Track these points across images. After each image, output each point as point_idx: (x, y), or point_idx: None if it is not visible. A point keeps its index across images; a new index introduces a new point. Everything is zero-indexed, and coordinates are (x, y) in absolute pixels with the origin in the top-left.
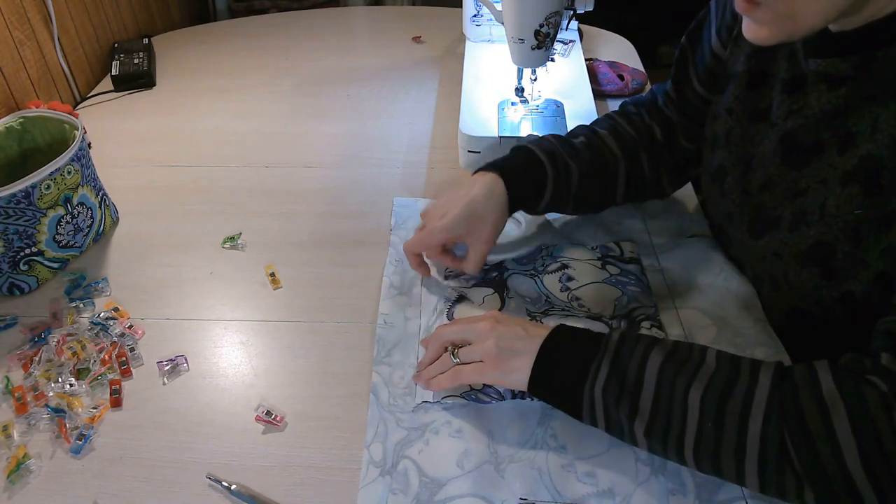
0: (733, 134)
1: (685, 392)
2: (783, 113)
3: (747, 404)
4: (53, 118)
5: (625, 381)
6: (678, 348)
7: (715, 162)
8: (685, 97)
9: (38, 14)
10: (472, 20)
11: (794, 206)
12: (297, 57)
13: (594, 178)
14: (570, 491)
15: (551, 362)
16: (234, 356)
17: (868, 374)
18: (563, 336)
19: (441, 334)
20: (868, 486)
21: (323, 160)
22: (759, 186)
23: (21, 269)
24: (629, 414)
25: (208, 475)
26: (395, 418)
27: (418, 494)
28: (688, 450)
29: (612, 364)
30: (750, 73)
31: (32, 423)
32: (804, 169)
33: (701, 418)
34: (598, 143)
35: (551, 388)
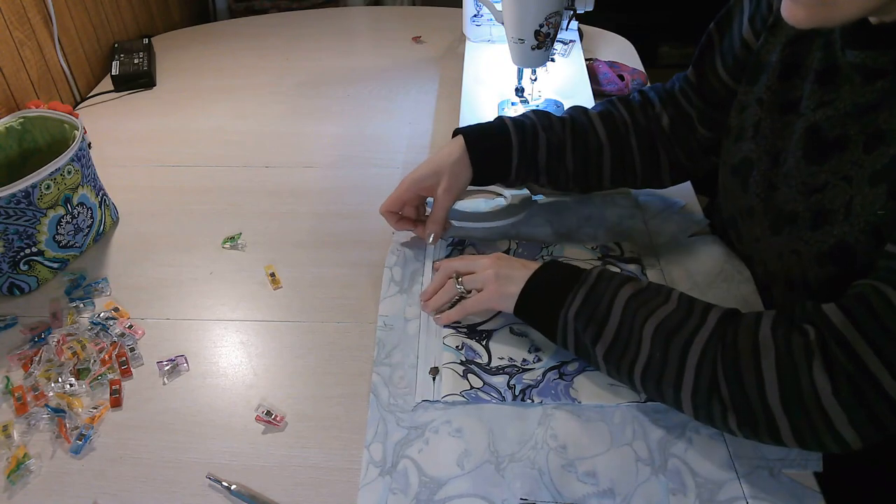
0: (762, 126)
1: (642, 325)
2: (813, 104)
3: (689, 341)
4: (53, 118)
5: (595, 311)
6: (648, 287)
7: (739, 154)
8: (708, 83)
9: (39, 14)
10: (473, 20)
11: (812, 203)
12: (297, 57)
13: (572, 152)
14: (570, 491)
15: (536, 289)
16: (234, 356)
17: (806, 322)
18: (552, 269)
19: (448, 265)
20: (784, 419)
21: (323, 160)
22: (783, 180)
23: (21, 269)
24: (593, 339)
25: (208, 475)
26: (395, 418)
27: (418, 494)
28: (636, 375)
29: (586, 295)
30: (783, 64)
31: (32, 423)
32: (824, 164)
33: (651, 349)
34: (584, 123)
35: (532, 312)
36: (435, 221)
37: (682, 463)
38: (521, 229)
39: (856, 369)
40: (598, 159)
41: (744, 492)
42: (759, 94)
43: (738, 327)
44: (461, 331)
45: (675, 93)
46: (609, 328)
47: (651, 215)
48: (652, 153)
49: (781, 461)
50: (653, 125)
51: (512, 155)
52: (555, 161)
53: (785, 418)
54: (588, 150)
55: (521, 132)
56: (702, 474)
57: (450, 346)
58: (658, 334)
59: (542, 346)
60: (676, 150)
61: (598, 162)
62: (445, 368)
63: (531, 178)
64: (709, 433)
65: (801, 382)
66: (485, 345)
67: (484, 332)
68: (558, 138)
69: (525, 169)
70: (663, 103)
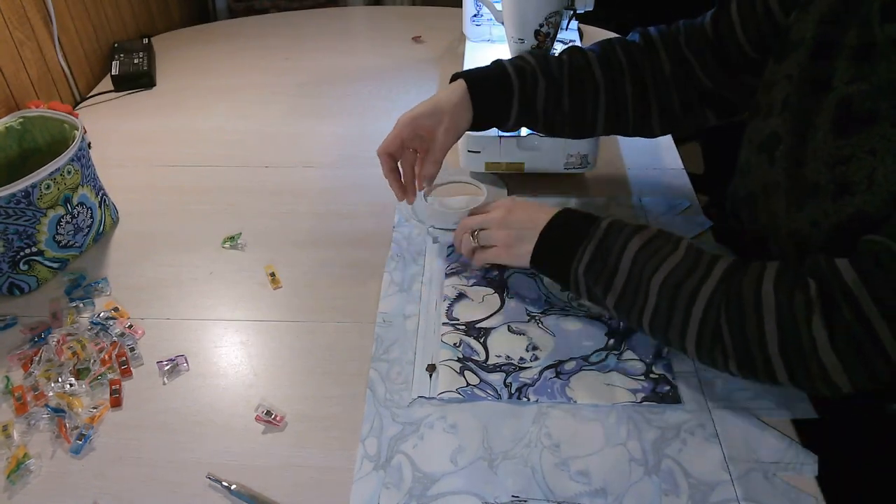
0: (791, 101)
1: (650, 277)
2: (847, 78)
3: (695, 293)
4: (53, 118)
5: (604, 266)
6: (657, 237)
7: (767, 130)
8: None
9: (38, 14)
10: (473, 20)
11: (835, 174)
12: (297, 57)
13: (568, 96)
14: (562, 489)
15: (547, 246)
16: (233, 356)
17: (812, 275)
18: (562, 222)
19: (465, 224)
20: (781, 366)
21: (323, 160)
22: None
23: (21, 269)
24: (604, 290)
25: (208, 475)
26: (391, 413)
27: (411, 489)
28: (645, 323)
29: (595, 249)
30: (817, 42)
31: (32, 423)
32: (852, 137)
33: (658, 299)
34: (581, 64)
35: (545, 268)
36: (433, 163)
37: (676, 464)
38: None
39: (857, 322)
40: (594, 104)
41: (737, 494)
42: (788, 70)
43: (742, 280)
44: (459, 328)
45: (678, 39)
46: (618, 281)
47: (653, 216)
48: (645, 100)
49: (776, 464)
50: (652, 70)
51: (513, 101)
52: (552, 106)
53: (782, 366)
54: (584, 95)
55: (522, 77)
56: (695, 475)
57: (447, 343)
58: (665, 286)
59: (540, 345)
60: (673, 98)
61: (595, 106)
62: (442, 365)
63: (529, 122)
64: (703, 434)
65: (800, 336)
66: (483, 342)
67: (482, 330)
68: (556, 83)
69: (524, 114)
70: (667, 48)
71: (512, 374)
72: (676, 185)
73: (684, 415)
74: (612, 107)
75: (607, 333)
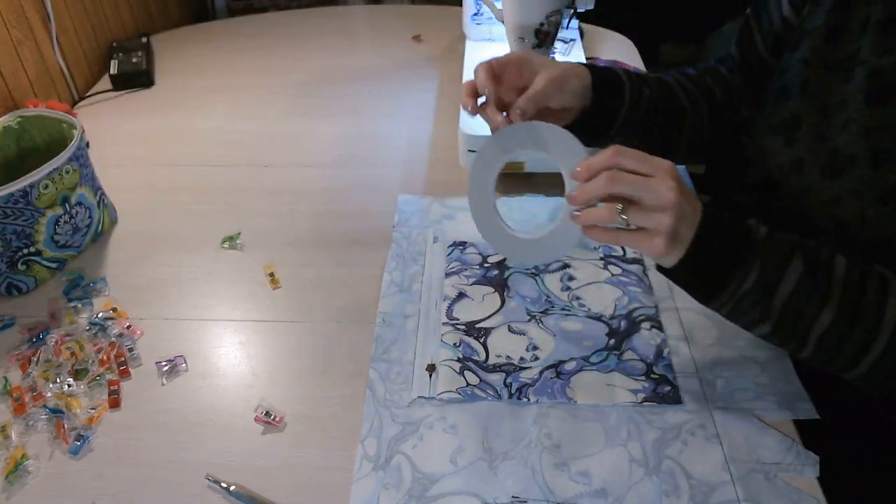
0: (810, 83)
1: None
2: (878, 51)
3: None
4: (52, 117)
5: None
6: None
7: (784, 113)
8: (748, 62)
9: (37, 13)
10: (473, 19)
11: (871, 143)
12: (297, 56)
13: (663, 111)
14: (562, 490)
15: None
16: (233, 356)
17: None
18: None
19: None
20: None
21: (323, 160)
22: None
23: (19, 269)
24: (759, 318)
25: (207, 476)
26: (391, 413)
27: (411, 489)
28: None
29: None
30: (829, 27)
31: (30, 423)
32: (886, 106)
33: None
34: (668, 85)
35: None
36: (530, 98)
37: (677, 464)
38: (523, 229)
39: None
40: (681, 125)
41: (738, 495)
42: (802, 55)
43: None
44: (459, 328)
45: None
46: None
47: None
48: (717, 124)
49: (778, 465)
50: (711, 97)
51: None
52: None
53: None
54: (675, 113)
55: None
56: (696, 476)
57: (447, 343)
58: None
59: (540, 345)
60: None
61: (681, 129)
62: (442, 366)
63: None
64: (704, 435)
65: None
66: (483, 342)
67: (482, 330)
68: (656, 95)
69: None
70: (712, 78)
71: (512, 375)
72: None
73: (685, 415)
74: (695, 134)
75: (608, 333)
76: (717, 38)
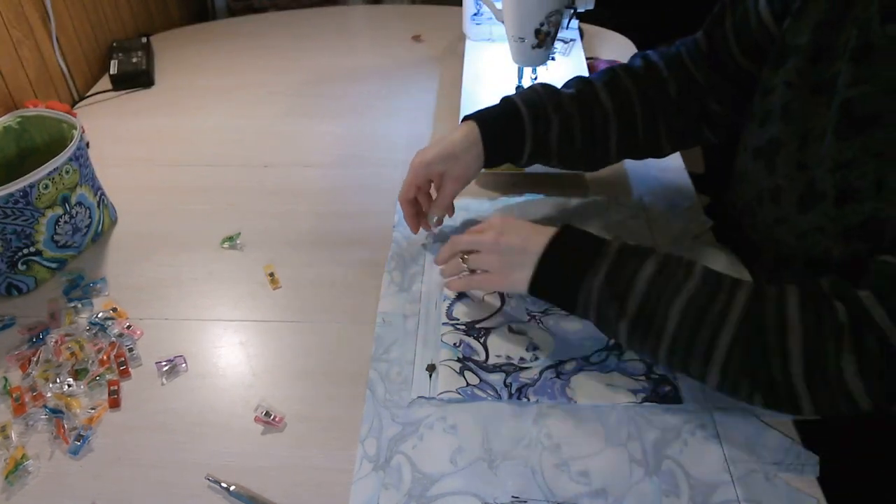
0: (792, 107)
1: (668, 306)
2: (848, 81)
3: (721, 320)
4: (51, 117)
5: (617, 289)
6: (669, 262)
7: (765, 136)
8: (720, 57)
9: (36, 13)
10: (473, 19)
11: (838, 179)
12: (297, 56)
13: (580, 133)
14: (562, 490)
15: (550, 272)
16: (233, 356)
17: (839, 299)
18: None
19: (454, 242)
20: (808, 397)
21: (323, 160)
22: (816, 161)
23: (19, 269)
24: (616, 315)
25: (207, 476)
26: (391, 413)
27: (410, 490)
28: (662, 352)
29: (607, 272)
30: (815, 46)
31: (30, 423)
32: (854, 140)
33: (678, 328)
34: (590, 96)
35: (549, 293)
36: (440, 207)
37: (677, 465)
38: None
39: (886, 353)
40: (604, 134)
41: (738, 495)
42: (787, 76)
43: (764, 304)
44: (459, 328)
45: (682, 59)
46: (631, 306)
47: (654, 216)
48: (653, 122)
49: (778, 465)
50: (658, 92)
51: (525, 140)
52: (566, 143)
53: (807, 393)
54: (594, 127)
55: (534, 117)
56: (696, 476)
57: (447, 343)
58: (685, 317)
59: (540, 345)
60: (680, 118)
61: (605, 137)
62: (442, 366)
63: (543, 159)
64: (704, 435)
65: (827, 361)
66: (483, 342)
67: (482, 330)
68: (568, 118)
69: (537, 154)
70: (670, 69)
71: (512, 375)
72: (677, 185)
73: (685, 415)
74: (624, 133)
75: None
76: None
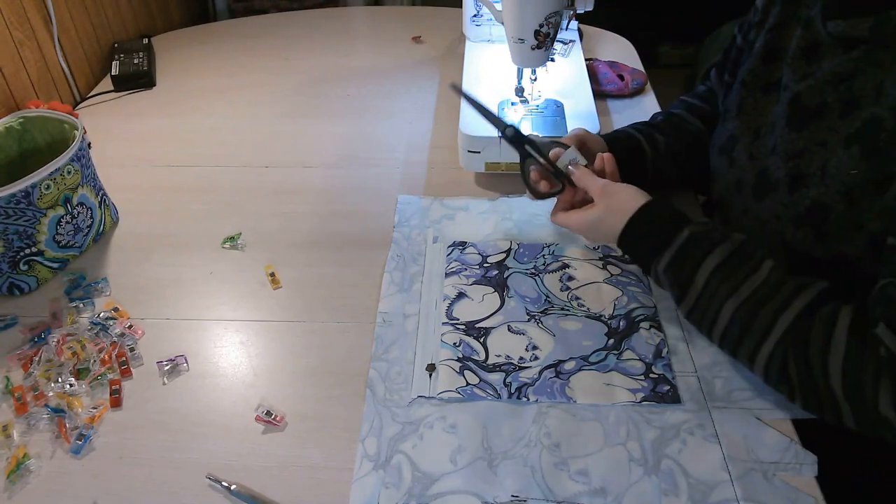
0: (746, 104)
1: (724, 299)
2: (797, 76)
3: (769, 327)
4: (53, 118)
5: (680, 276)
6: (738, 253)
7: (725, 133)
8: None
9: (38, 14)
10: (472, 20)
11: (790, 168)
12: (297, 57)
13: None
14: (561, 489)
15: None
16: (233, 356)
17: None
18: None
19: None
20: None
21: (323, 160)
22: (765, 152)
23: (21, 269)
24: (677, 299)
25: (208, 475)
26: (391, 413)
27: (411, 489)
28: (714, 339)
29: (672, 257)
30: (766, 48)
31: (32, 423)
32: (803, 130)
33: (729, 324)
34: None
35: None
36: None
37: (675, 464)
38: (522, 229)
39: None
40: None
41: (736, 494)
42: (742, 77)
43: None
44: (459, 328)
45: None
46: (690, 294)
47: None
48: None
49: (776, 465)
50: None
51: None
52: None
53: (850, 412)
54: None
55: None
56: (694, 476)
57: (447, 342)
58: (737, 314)
59: (540, 345)
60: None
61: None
62: (442, 365)
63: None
64: (703, 434)
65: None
66: (482, 342)
67: (482, 330)
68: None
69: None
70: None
71: (512, 374)
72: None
73: (684, 415)
74: None
75: (607, 333)
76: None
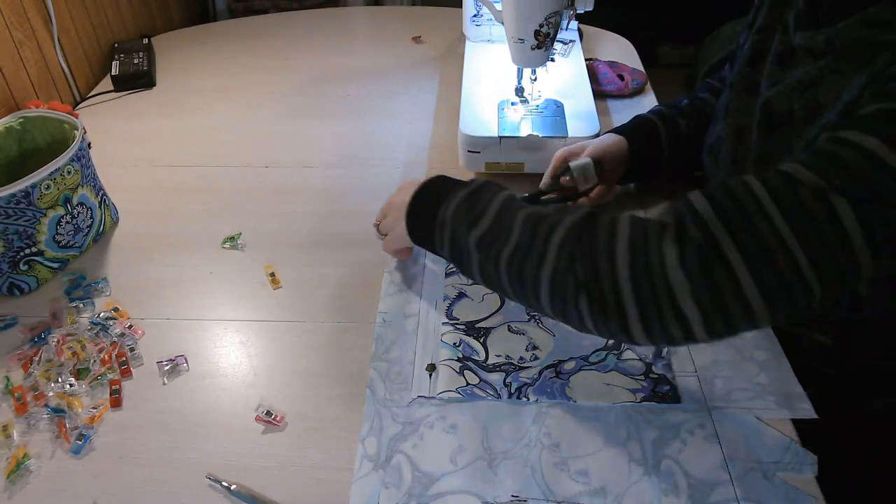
0: (732, 106)
1: (515, 215)
2: (769, 81)
3: (556, 224)
4: (53, 118)
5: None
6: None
7: (714, 134)
8: None
9: (38, 14)
10: (472, 20)
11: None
12: (297, 57)
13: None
14: (561, 489)
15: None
16: (233, 356)
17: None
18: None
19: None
20: (631, 296)
21: (323, 160)
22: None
23: (21, 269)
24: (468, 227)
25: (208, 475)
26: (391, 413)
27: (411, 489)
28: (503, 259)
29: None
30: (752, 50)
31: (32, 423)
32: (772, 136)
33: (521, 231)
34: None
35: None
36: None
37: (675, 464)
38: None
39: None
40: None
41: (736, 494)
42: (732, 78)
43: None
44: (459, 328)
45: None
46: (484, 221)
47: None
48: None
49: (776, 464)
50: None
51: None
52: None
53: (632, 295)
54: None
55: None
56: (694, 475)
57: (447, 343)
58: (528, 220)
59: (540, 345)
60: None
61: None
62: (442, 365)
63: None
64: (703, 434)
65: (649, 254)
66: (482, 342)
67: (482, 330)
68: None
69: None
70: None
71: (512, 374)
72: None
73: (684, 415)
74: None
75: None
76: (715, 40)
